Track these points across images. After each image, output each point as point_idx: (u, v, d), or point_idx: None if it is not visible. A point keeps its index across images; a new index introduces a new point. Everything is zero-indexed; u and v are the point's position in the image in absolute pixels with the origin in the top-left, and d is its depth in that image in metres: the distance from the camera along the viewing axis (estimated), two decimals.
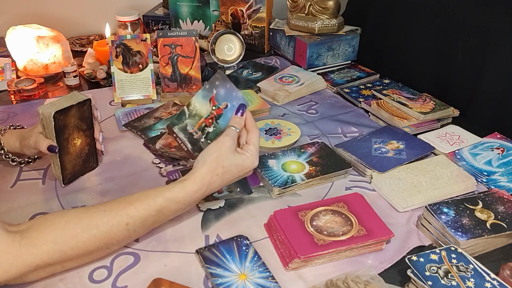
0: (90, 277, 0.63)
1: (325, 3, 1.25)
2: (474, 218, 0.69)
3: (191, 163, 0.86)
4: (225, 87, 0.73)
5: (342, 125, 1.02)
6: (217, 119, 0.74)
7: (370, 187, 0.82)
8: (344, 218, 0.70)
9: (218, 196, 0.78)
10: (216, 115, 0.74)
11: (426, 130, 0.98)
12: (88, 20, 1.52)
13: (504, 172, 0.83)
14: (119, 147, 0.93)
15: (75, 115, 0.77)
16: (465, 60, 1.03)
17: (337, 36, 1.27)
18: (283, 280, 0.62)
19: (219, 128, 0.73)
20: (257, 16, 1.39)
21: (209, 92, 0.74)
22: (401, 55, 1.21)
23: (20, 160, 0.84)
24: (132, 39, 1.07)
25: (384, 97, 1.06)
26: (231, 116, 0.73)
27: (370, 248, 0.67)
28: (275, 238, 0.69)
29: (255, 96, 1.11)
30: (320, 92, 1.18)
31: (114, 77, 1.09)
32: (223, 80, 0.73)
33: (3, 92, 1.14)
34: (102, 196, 0.79)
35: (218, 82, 0.73)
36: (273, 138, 0.94)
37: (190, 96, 1.11)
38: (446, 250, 0.63)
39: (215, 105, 0.74)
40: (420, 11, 1.13)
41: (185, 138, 0.76)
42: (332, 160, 0.86)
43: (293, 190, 0.80)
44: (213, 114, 0.74)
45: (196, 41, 1.10)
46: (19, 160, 0.83)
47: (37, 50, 1.19)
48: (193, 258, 0.66)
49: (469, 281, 0.58)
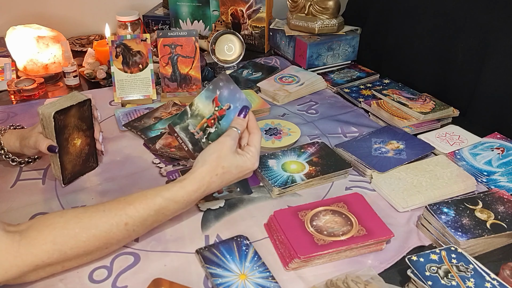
0: (90, 277, 0.63)
1: (325, 3, 1.25)
2: (474, 218, 0.69)
3: (191, 163, 0.86)
4: (229, 88, 0.73)
5: (342, 125, 1.02)
6: (219, 120, 0.74)
7: (370, 187, 0.82)
8: (344, 218, 0.70)
9: (218, 196, 0.78)
10: (218, 116, 0.74)
11: (426, 130, 0.98)
12: (88, 20, 1.52)
13: (504, 172, 0.83)
14: (119, 147, 0.93)
15: (75, 115, 0.77)
16: (465, 60, 1.03)
17: (337, 36, 1.27)
18: (283, 280, 0.62)
19: (221, 129, 0.73)
20: (257, 16, 1.39)
21: (213, 92, 0.74)
22: (401, 55, 1.21)
23: (20, 160, 0.84)
24: (132, 39, 1.07)
25: (384, 97, 1.06)
26: (233, 117, 0.73)
27: (370, 248, 0.67)
28: (275, 238, 0.69)
29: (255, 96, 1.11)
30: (320, 92, 1.18)
31: (114, 77, 1.09)
32: (227, 81, 0.73)
33: (3, 92, 1.14)
34: (102, 196, 0.79)
35: (222, 83, 0.73)
36: (273, 138, 0.94)
37: (190, 96, 1.11)
38: (446, 250, 0.63)
39: (218, 106, 0.74)
40: (420, 11, 1.13)
41: (186, 138, 0.76)
42: (332, 160, 0.86)
43: (293, 190, 0.80)
44: (216, 115, 0.74)
45: (196, 41, 1.10)
46: (19, 160, 0.83)
47: (37, 50, 1.19)
48: (193, 258, 0.66)
49: (469, 281, 0.58)
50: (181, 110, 0.80)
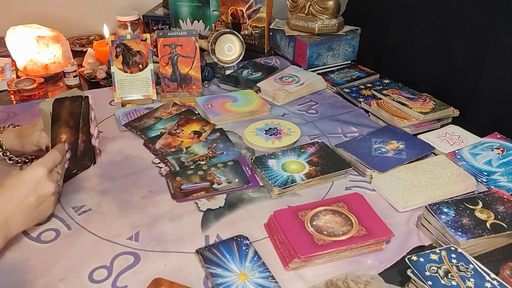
0: (90, 277, 0.63)
1: (325, 3, 1.25)
2: (474, 218, 0.69)
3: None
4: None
5: (342, 125, 1.02)
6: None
7: (370, 187, 0.82)
8: (344, 218, 0.70)
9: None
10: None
11: (426, 130, 0.98)
12: (88, 20, 1.52)
13: (504, 172, 0.83)
14: (119, 147, 0.93)
15: (67, 109, 0.76)
16: (465, 60, 1.03)
17: (337, 36, 1.27)
18: (283, 280, 0.62)
19: None
20: (257, 16, 1.39)
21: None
22: (401, 55, 1.21)
23: (17, 159, 0.83)
24: (132, 39, 1.07)
25: (384, 97, 1.06)
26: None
27: (370, 248, 0.67)
28: (275, 238, 0.69)
29: (255, 96, 1.11)
30: (320, 92, 1.18)
31: (114, 77, 1.09)
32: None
33: (3, 92, 1.14)
34: (102, 196, 0.79)
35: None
36: (273, 138, 0.94)
37: (190, 96, 1.11)
38: (446, 250, 0.63)
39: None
40: (420, 11, 1.13)
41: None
42: (332, 160, 0.86)
43: (293, 190, 0.80)
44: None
45: (196, 41, 1.10)
46: (16, 159, 0.83)
47: (37, 50, 1.19)
48: (193, 258, 0.66)
49: (469, 281, 0.58)
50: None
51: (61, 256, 0.66)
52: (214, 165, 0.85)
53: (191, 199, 0.77)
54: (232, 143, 0.92)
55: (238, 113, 1.03)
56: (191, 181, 0.81)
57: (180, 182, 0.81)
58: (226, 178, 0.82)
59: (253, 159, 0.86)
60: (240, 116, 1.03)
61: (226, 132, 0.97)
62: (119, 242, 0.68)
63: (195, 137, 0.94)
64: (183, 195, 0.78)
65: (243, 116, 1.04)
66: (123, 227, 0.71)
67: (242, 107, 1.05)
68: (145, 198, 0.78)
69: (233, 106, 1.05)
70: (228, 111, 1.03)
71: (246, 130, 0.97)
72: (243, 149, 0.92)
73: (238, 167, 0.85)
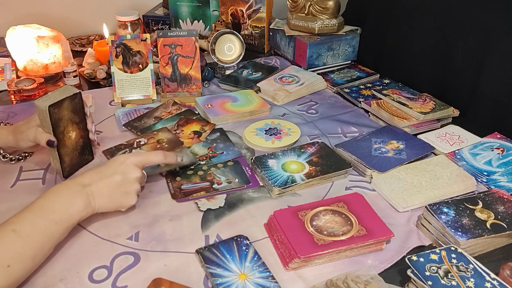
0: (90, 277, 0.62)
1: (325, 3, 1.25)
2: (474, 218, 0.69)
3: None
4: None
5: (342, 125, 1.02)
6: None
7: (370, 187, 0.82)
8: (344, 218, 0.70)
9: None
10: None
11: (426, 130, 0.98)
12: (88, 20, 1.52)
13: (504, 172, 0.83)
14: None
15: (68, 108, 0.78)
16: (465, 60, 1.03)
17: (337, 36, 1.27)
18: (283, 280, 0.62)
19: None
20: (257, 16, 1.39)
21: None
22: (401, 55, 1.21)
23: (11, 156, 0.83)
24: (132, 39, 1.07)
25: (384, 97, 1.06)
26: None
27: (370, 248, 0.67)
28: (275, 238, 0.69)
29: (255, 96, 1.11)
30: (320, 92, 1.18)
31: (114, 77, 1.09)
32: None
33: (3, 92, 1.14)
34: None
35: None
36: (273, 138, 0.94)
37: (190, 96, 1.11)
38: (446, 250, 0.62)
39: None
40: (420, 11, 1.13)
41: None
42: (332, 160, 0.86)
43: (293, 190, 0.80)
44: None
45: (196, 41, 1.10)
46: (10, 157, 0.83)
47: (37, 50, 1.19)
48: (193, 258, 0.66)
49: (469, 281, 0.58)
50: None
51: (61, 256, 0.66)
52: (214, 165, 0.86)
53: (191, 199, 0.77)
54: (232, 143, 0.92)
55: (238, 113, 1.03)
56: (191, 181, 0.81)
57: (180, 182, 0.81)
58: (226, 178, 0.82)
59: (253, 159, 0.86)
60: (240, 116, 1.03)
61: (226, 132, 0.97)
62: (119, 242, 0.68)
63: (195, 137, 0.94)
64: (183, 195, 0.78)
65: (243, 116, 1.04)
66: (123, 227, 0.71)
67: (242, 107, 1.05)
68: (145, 198, 0.78)
69: (233, 106, 1.05)
70: (228, 111, 1.03)
71: (246, 130, 0.97)
72: (243, 149, 0.93)
73: (238, 167, 0.86)
